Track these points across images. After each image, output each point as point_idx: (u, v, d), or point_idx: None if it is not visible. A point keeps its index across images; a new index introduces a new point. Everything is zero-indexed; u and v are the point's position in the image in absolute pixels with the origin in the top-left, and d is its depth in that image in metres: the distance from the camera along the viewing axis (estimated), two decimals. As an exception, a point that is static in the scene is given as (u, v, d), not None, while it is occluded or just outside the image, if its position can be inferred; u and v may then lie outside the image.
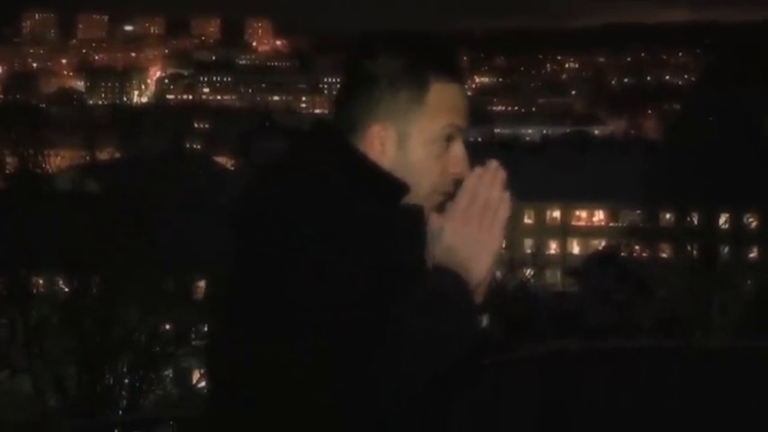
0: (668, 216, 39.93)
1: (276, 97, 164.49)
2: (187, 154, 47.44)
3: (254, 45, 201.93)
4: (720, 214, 39.02)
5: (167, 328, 22.59)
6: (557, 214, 56.28)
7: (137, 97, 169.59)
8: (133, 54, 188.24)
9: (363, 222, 1.97)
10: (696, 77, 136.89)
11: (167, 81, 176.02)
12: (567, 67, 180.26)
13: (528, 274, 32.60)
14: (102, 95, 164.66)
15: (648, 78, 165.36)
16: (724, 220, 39.51)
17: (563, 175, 52.38)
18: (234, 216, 2.00)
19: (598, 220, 56.16)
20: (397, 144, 2.08)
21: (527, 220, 53.28)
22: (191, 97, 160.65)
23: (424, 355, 1.89)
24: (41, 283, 24.56)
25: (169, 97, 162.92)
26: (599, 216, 56.16)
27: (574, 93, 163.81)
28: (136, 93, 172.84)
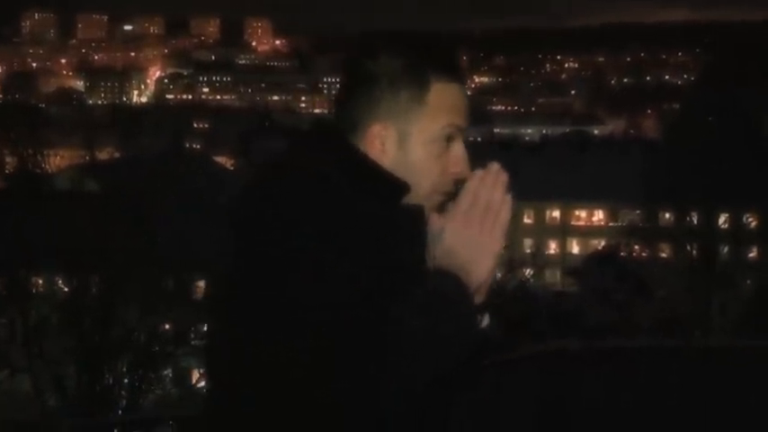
0: (668, 216, 39.87)
1: (276, 97, 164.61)
2: (187, 154, 47.39)
3: (254, 45, 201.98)
4: (720, 214, 38.95)
5: (167, 327, 22.61)
6: (556, 214, 56.22)
7: (136, 97, 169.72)
8: (133, 54, 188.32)
9: (363, 222, 1.96)
10: (695, 77, 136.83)
11: (167, 81, 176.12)
12: (566, 66, 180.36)
13: (527, 273, 32.55)
14: (102, 95, 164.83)
15: (648, 78, 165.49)
16: (723, 219, 39.44)
17: (562, 174, 52.32)
18: (233, 216, 2.00)
19: (597, 219, 56.13)
20: (397, 144, 2.07)
21: (526, 219, 53.21)
22: (190, 97, 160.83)
23: (424, 356, 1.89)
24: (41, 282, 24.56)
25: (169, 97, 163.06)
26: (598, 216, 56.12)
27: (573, 92, 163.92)
28: (135, 93, 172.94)
